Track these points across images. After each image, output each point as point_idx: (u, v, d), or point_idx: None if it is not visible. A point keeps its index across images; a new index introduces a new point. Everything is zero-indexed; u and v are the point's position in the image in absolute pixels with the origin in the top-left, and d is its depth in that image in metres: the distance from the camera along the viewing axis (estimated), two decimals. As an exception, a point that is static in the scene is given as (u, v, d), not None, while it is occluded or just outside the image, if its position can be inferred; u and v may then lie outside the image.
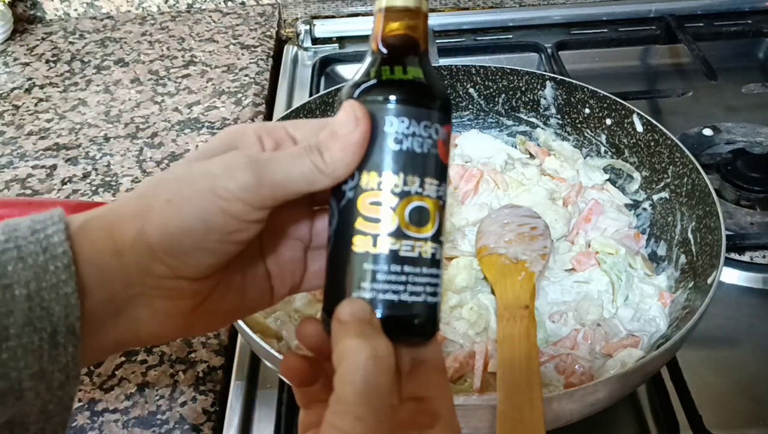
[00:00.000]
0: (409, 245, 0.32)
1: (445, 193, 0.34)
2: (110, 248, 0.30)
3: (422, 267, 0.33)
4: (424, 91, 0.34)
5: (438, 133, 0.33)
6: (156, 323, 0.32)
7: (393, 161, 0.32)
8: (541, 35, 1.08)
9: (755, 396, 0.60)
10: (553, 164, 0.75)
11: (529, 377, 0.48)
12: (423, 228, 0.33)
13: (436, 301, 0.33)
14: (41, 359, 0.28)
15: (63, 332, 0.28)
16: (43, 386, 0.29)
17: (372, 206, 0.32)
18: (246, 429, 0.57)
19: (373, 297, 0.32)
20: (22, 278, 0.28)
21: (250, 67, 1.02)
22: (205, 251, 0.31)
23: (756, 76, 1.03)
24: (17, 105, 0.95)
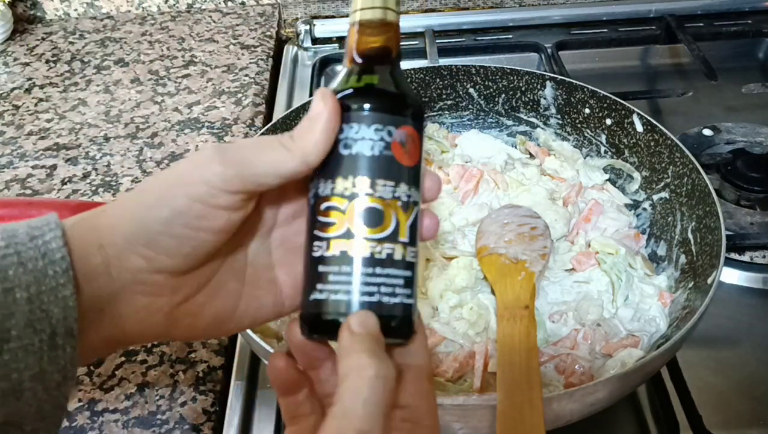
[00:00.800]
0: (360, 246, 0.33)
1: (407, 194, 0.34)
2: (95, 243, 0.31)
3: (375, 267, 0.33)
4: (373, 96, 0.34)
5: (392, 135, 0.34)
6: (137, 320, 0.33)
7: (343, 165, 0.33)
8: (541, 35, 1.08)
9: (755, 396, 0.60)
10: (553, 164, 0.75)
11: (529, 377, 0.48)
12: (375, 229, 0.33)
13: (397, 301, 0.33)
14: (41, 360, 0.29)
15: (62, 333, 0.29)
16: (41, 387, 0.29)
17: (325, 210, 0.33)
18: (246, 429, 0.57)
19: (325, 298, 0.33)
20: (23, 282, 0.29)
21: (250, 67, 1.02)
22: (175, 238, 0.31)
23: (756, 76, 1.03)
24: (17, 105, 0.95)
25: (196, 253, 0.32)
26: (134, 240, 0.31)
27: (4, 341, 0.28)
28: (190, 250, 0.32)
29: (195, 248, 0.32)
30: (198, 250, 0.32)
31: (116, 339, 0.33)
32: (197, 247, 0.32)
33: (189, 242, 0.32)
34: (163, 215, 0.31)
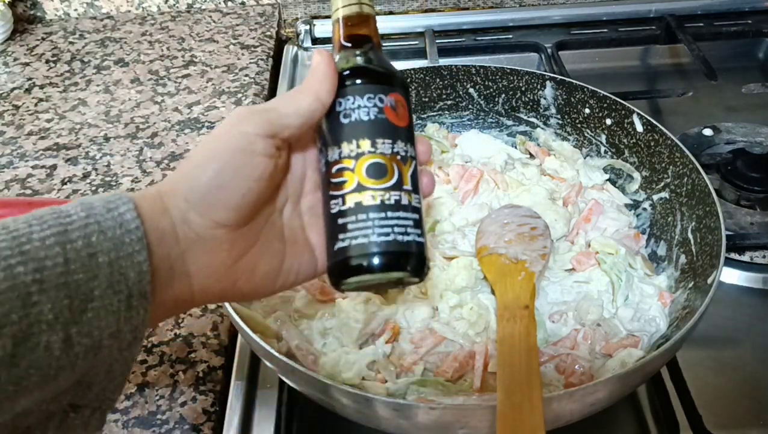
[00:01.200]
0: (371, 196, 0.38)
1: (404, 149, 0.40)
2: (161, 208, 0.36)
3: (386, 212, 0.38)
4: (362, 71, 0.40)
5: (383, 101, 0.40)
6: (203, 276, 0.37)
7: (346, 132, 0.39)
8: (541, 35, 1.08)
9: (755, 396, 0.60)
10: (553, 164, 0.75)
11: (529, 377, 0.48)
12: (381, 180, 0.39)
13: (410, 239, 0.39)
14: (119, 320, 0.32)
15: (137, 295, 0.33)
16: (116, 345, 0.33)
17: (337, 172, 0.39)
18: (246, 429, 0.57)
19: (347, 245, 0.38)
20: (104, 248, 0.32)
21: (250, 67, 1.02)
22: (225, 188, 0.36)
23: (756, 76, 1.03)
24: (17, 105, 0.95)
25: (245, 203, 0.37)
26: (191, 198, 0.36)
27: (88, 300, 0.31)
28: (239, 200, 0.37)
29: (243, 196, 0.37)
30: (246, 199, 0.37)
31: (184, 297, 0.37)
32: (245, 196, 0.37)
33: (238, 191, 0.36)
34: (211, 168, 0.36)
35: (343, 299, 0.58)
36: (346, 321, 0.57)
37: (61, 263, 0.31)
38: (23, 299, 0.29)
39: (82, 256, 0.31)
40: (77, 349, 0.31)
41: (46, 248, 0.30)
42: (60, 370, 0.31)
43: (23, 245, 0.30)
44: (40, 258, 0.30)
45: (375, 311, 0.58)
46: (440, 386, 0.54)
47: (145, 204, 0.35)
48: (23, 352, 0.29)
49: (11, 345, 0.29)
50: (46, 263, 0.30)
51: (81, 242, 0.31)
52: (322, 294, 0.60)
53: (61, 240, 0.31)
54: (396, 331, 0.58)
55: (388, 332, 0.58)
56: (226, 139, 0.37)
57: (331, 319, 0.58)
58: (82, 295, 0.31)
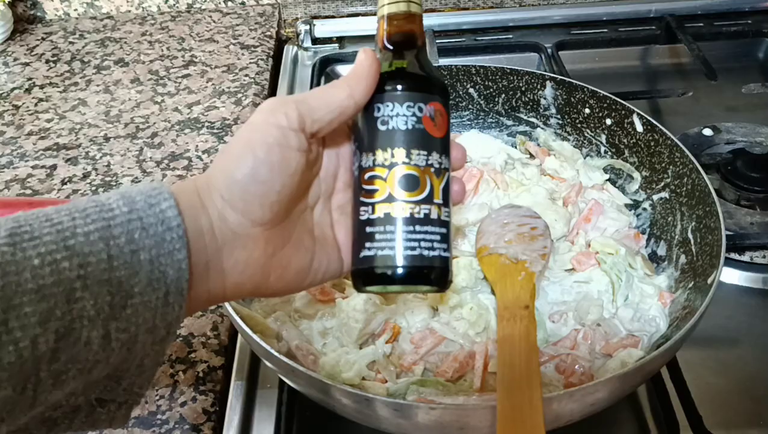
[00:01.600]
0: (401, 208, 0.38)
1: (438, 161, 0.39)
2: (199, 204, 0.36)
3: (415, 225, 0.38)
4: (403, 77, 0.39)
5: (422, 110, 0.39)
6: (237, 272, 0.37)
7: (382, 139, 0.39)
8: (541, 35, 1.08)
9: (755, 396, 0.60)
10: (553, 164, 0.75)
11: (529, 377, 0.48)
12: (413, 193, 0.38)
13: (436, 254, 0.39)
14: (155, 316, 0.33)
15: (174, 292, 0.33)
16: (150, 340, 0.33)
17: (369, 179, 0.39)
18: (246, 429, 0.57)
19: (374, 254, 0.38)
20: (146, 245, 0.32)
21: (250, 67, 1.02)
22: (261, 183, 0.36)
23: (756, 76, 1.03)
24: (17, 105, 0.95)
25: (281, 199, 0.37)
26: (229, 196, 0.36)
27: (128, 297, 0.31)
28: (275, 197, 0.36)
29: (279, 193, 0.36)
30: (282, 195, 0.37)
31: (218, 292, 0.37)
32: (281, 192, 0.36)
33: (273, 187, 0.36)
34: (248, 164, 0.36)
35: (344, 300, 0.58)
36: (346, 321, 0.57)
37: (104, 260, 0.31)
38: (67, 295, 0.29)
39: (125, 252, 0.31)
40: (114, 344, 0.31)
41: (90, 244, 0.31)
42: (96, 364, 0.31)
43: (68, 239, 0.30)
44: (85, 254, 0.30)
45: (375, 311, 0.58)
46: (440, 386, 0.54)
47: (184, 200, 0.35)
48: (64, 347, 0.29)
49: (54, 339, 0.29)
50: (90, 259, 0.30)
51: (124, 238, 0.32)
52: (322, 294, 0.60)
53: (105, 235, 0.31)
54: (396, 331, 0.58)
55: (388, 332, 0.58)
56: (261, 133, 0.36)
57: (331, 319, 0.58)
58: (123, 292, 0.31)
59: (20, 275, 0.28)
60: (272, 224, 0.37)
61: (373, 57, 0.38)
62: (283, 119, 0.36)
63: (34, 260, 0.29)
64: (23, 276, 0.28)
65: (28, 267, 0.29)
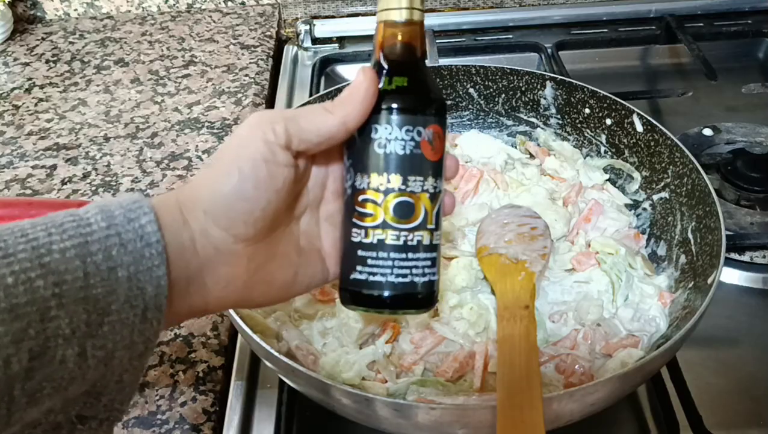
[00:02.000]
0: (394, 235, 0.38)
1: (433, 186, 0.39)
2: (181, 220, 0.35)
3: (408, 253, 0.38)
4: (404, 98, 0.38)
5: (421, 135, 0.38)
6: (219, 288, 0.37)
7: (378, 163, 0.38)
8: (541, 35, 1.08)
9: (755, 396, 0.60)
10: (553, 164, 0.75)
11: (529, 377, 0.48)
12: (407, 220, 0.38)
13: (426, 280, 0.39)
14: (132, 332, 0.32)
15: (152, 309, 0.32)
16: (127, 356, 0.32)
17: (363, 201, 0.38)
18: (246, 429, 0.57)
19: (364, 279, 0.38)
20: (124, 262, 0.31)
21: (250, 67, 1.02)
22: (247, 200, 0.35)
23: (756, 76, 1.03)
24: (17, 105, 0.95)
25: (265, 216, 0.36)
26: (213, 211, 0.35)
27: (105, 314, 0.31)
28: (260, 214, 0.36)
29: (264, 210, 0.36)
30: (266, 212, 0.36)
31: (199, 306, 0.37)
32: (266, 208, 0.36)
33: (258, 204, 0.36)
34: (233, 180, 0.35)
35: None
36: (346, 321, 0.57)
37: (80, 277, 0.30)
38: (42, 314, 0.29)
39: (102, 270, 0.31)
40: (90, 361, 0.31)
41: (66, 261, 0.30)
42: (72, 381, 0.30)
43: (43, 256, 0.29)
44: (60, 271, 0.29)
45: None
46: (440, 386, 0.54)
47: (165, 214, 0.34)
48: (38, 366, 0.29)
49: (27, 359, 0.28)
50: (66, 277, 0.30)
51: (101, 255, 0.31)
52: (322, 294, 0.60)
53: (81, 253, 0.30)
54: (396, 331, 0.58)
55: (388, 332, 0.57)
56: (248, 148, 0.35)
57: (331, 319, 0.58)
58: (99, 309, 0.30)
59: None
60: (256, 240, 0.37)
61: (371, 79, 0.37)
62: (271, 134, 0.35)
63: (8, 279, 0.28)
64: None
65: (1, 286, 0.28)
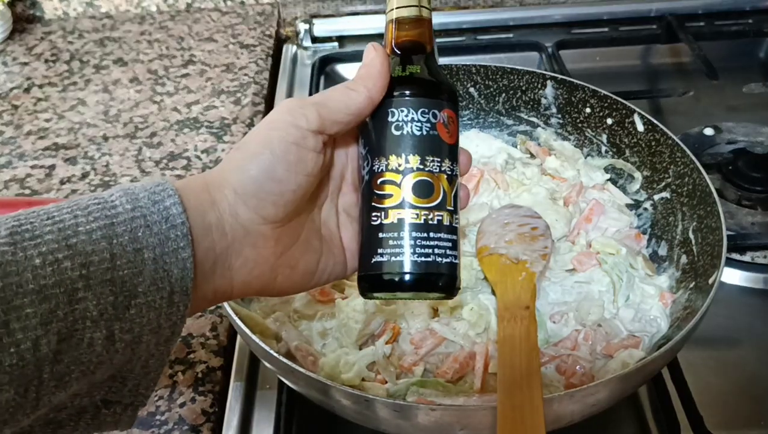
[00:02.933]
0: (415, 214, 0.38)
1: (450, 168, 0.39)
2: (208, 200, 0.35)
3: (429, 232, 0.38)
4: (418, 83, 0.39)
5: (437, 117, 0.39)
6: (246, 270, 0.37)
7: (395, 145, 0.38)
8: (542, 34, 1.08)
9: (756, 397, 0.60)
10: (554, 164, 0.74)
11: (530, 378, 0.48)
12: (427, 199, 0.38)
13: (448, 261, 0.39)
14: (159, 316, 0.32)
15: (179, 292, 0.32)
16: (154, 340, 0.32)
17: (382, 184, 0.38)
18: (245, 429, 0.57)
19: (385, 261, 0.38)
20: (150, 243, 0.31)
21: (249, 66, 1.02)
22: (277, 181, 0.36)
23: (757, 76, 1.03)
24: (16, 105, 0.95)
25: (295, 199, 0.36)
26: (242, 191, 0.35)
27: (132, 296, 0.31)
28: (290, 196, 0.36)
29: (294, 192, 0.36)
30: (296, 195, 0.36)
31: (224, 290, 0.36)
32: (296, 191, 0.36)
33: (289, 187, 0.36)
34: (265, 160, 0.35)
35: (343, 300, 0.58)
36: (345, 322, 0.57)
37: (107, 259, 0.30)
38: (69, 295, 0.29)
39: (128, 251, 0.31)
40: (118, 345, 0.31)
41: (93, 243, 0.30)
42: (99, 365, 0.30)
43: (69, 238, 0.29)
44: (87, 253, 0.29)
45: (375, 312, 0.58)
46: (440, 387, 0.53)
47: (191, 196, 0.34)
48: (67, 349, 0.29)
49: (56, 341, 0.28)
50: (93, 258, 0.30)
51: (127, 236, 0.31)
52: (322, 295, 0.60)
53: (108, 234, 0.30)
54: (396, 332, 0.58)
55: (388, 332, 0.57)
56: (280, 131, 0.36)
57: (330, 320, 0.58)
58: (126, 291, 0.30)
59: (21, 276, 0.28)
60: (283, 223, 0.37)
61: (383, 53, 0.38)
62: (303, 120, 0.36)
63: (35, 260, 0.28)
64: (24, 277, 0.28)
65: (29, 267, 0.28)
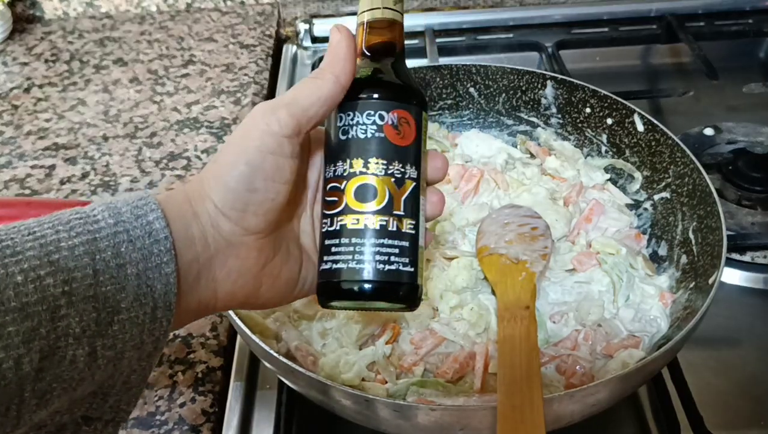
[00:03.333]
0: (355, 220, 0.37)
1: (400, 170, 0.38)
2: (191, 213, 0.35)
3: (370, 238, 0.37)
4: (365, 86, 0.38)
5: (384, 118, 0.38)
6: (230, 282, 0.36)
7: (341, 149, 0.38)
8: (542, 34, 1.08)
9: (756, 397, 0.60)
10: (554, 164, 0.74)
11: (530, 378, 0.48)
12: (367, 203, 0.37)
13: (393, 268, 0.37)
14: (142, 331, 0.32)
15: (162, 307, 0.32)
16: (136, 355, 0.32)
17: (330, 190, 0.38)
18: (245, 429, 0.57)
19: (329, 268, 0.37)
20: (133, 259, 0.31)
21: (249, 66, 1.02)
22: (256, 191, 0.35)
23: (757, 76, 1.03)
24: (16, 105, 0.95)
25: (275, 207, 0.36)
26: (223, 203, 0.35)
27: (115, 313, 0.30)
28: (270, 205, 0.36)
29: (274, 201, 0.36)
30: (276, 203, 0.36)
31: (208, 302, 0.36)
32: (275, 199, 0.36)
33: (268, 196, 0.35)
34: (241, 170, 0.35)
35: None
36: (345, 322, 0.57)
37: (90, 275, 0.30)
38: (52, 313, 0.28)
39: (111, 267, 0.30)
40: (100, 361, 0.30)
41: (75, 259, 0.29)
42: (81, 381, 0.30)
43: (52, 254, 0.29)
44: (69, 269, 0.29)
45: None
46: (440, 387, 0.53)
47: (173, 209, 0.34)
48: (49, 366, 0.28)
49: (38, 359, 0.28)
50: (75, 274, 0.29)
51: (110, 252, 0.30)
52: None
53: (90, 250, 0.30)
54: (396, 332, 0.58)
55: (388, 332, 0.57)
56: (256, 141, 0.35)
57: (330, 320, 0.58)
58: (109, 307, 0.30)
59: (3, 293, 0.27)
60: (265, 233, 0.37)
61: (348, 34, 0.37)
62: (276, 125, 0.35)
63: (17, 277, 0.28)
64: (6, 294, 0.27)
65: (11, 284, 0.27)
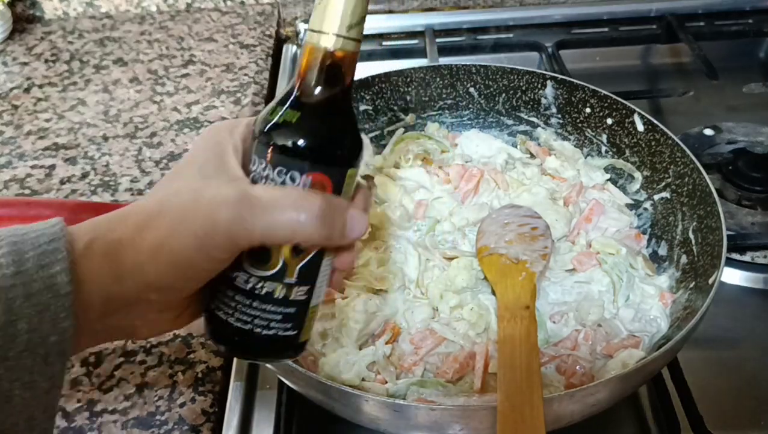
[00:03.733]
0: (244, 279, 0.35)
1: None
2: (112, 274, 0.34)
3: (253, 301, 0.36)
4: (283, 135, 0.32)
5: (295, 181, 0.33)
6: (147, 329, 0.38)
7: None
8: (542, 34, 1.08)
9: (756, 397, 0.60)
10: (554, 164, 0.74)
11: (530, 378, 0.48)
12: (259, 267, 0.35)
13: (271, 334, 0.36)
14: (32, 373, 0.31)
15: (54, 354, 0.32)
16: (29, 394, 0.31)
17: None
18: (245, 429, 0.57)
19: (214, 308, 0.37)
20: (26, 314, 0.31)
21: (249, 66, 1.02)
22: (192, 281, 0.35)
23: (757, 76, 1.03)
24: (16, 105, 0.95)
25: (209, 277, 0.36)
26: (157, 284, 0.34)
27: (2, 360, 0.30)
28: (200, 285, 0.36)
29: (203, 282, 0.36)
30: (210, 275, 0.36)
31: (126, 331, 0.38)
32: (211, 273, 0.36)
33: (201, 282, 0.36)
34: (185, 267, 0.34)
35: (343, 300, 0.58)
36: (345, 322, 0.57)
37: None
38: None
39: (1, 320, 0.30)
40: None
41: None
42: None
43: None
44: None
45: (375, 312, 0.58)
46: (440, 387, 0.53)
47: (93, 261, 0.33)
48: None
49: None
50: None
51: (1, 306, 0.30)
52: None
53: None
54: (396, 332, 0.58)
55: (388, 332, 0.57)
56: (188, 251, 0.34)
57: (330, 320, 0.58)
58: None
59: None
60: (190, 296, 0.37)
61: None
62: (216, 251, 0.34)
63: None
64: None
65: None
